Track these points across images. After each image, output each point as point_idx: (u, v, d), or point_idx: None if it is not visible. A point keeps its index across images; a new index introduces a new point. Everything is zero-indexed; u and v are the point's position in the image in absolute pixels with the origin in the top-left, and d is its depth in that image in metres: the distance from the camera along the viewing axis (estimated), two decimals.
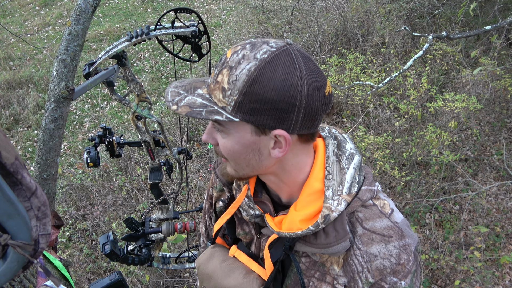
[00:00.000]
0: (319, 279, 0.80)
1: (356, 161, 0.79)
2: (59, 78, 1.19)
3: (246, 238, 0.91)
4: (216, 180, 1.01)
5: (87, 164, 1.71)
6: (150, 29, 1.52)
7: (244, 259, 0.89)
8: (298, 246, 0.79)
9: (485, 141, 3.79)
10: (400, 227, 0.78)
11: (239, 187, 0.86)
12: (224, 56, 0.71)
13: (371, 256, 0.76)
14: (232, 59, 0.67)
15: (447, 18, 4.81)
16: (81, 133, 4.98)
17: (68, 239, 3.57)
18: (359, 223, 0.77)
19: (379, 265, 0.76)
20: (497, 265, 2.93)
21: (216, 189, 1.01)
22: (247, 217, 0.84)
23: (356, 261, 0.77)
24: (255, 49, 0.67)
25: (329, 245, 0.74)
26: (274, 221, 0.81)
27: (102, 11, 8.03)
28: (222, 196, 1.00)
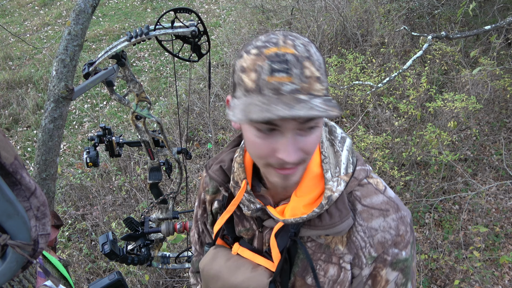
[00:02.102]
0: (326, 261, 0.82)
1: (348, 144, 0.83)
2: (59, 78, 1.19)
3: (247, 235, 0.91)
4: (208, 183, 1.00)
5: (87, 164, 1.71)
6: (150, 29, 1.52)
7: (248, 255, 0.89)
8: (303, 231, 0.81)
9: (485, 141, 3.79)
10: (395, 201, 0.82)
11: (237, 184, 0.85)
12: (283, 54, 0.65)
13: (372, 231, 0.79)
14: (299, 52, 0.66)
15: (446, 18, 4.81)
16: (81, 133, 4.98)
17: (67, 239, 3.57)
18: (357, 201, 0.80)
19: (380, 238, 0.79)
20: (496, 265, 2.93)
21: (209, 192, 1.00)
22: (248, 212, 0.84)
23: (359, 237, 0.80)
24: (297, 36, 0.70)
25: (334, 224, 0.76)
26: (277, 210, 0.82)
27: (101, 11, 8.02)
28: (217, 197, 0.98)
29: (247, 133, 0.71)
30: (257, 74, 0.65)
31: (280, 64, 0.64)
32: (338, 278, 0.82)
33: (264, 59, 0.65)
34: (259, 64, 0.65)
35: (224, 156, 0.92)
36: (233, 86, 0.72)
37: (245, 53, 0.69)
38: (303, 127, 0.67)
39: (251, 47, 0.68)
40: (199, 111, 4.66)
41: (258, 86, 0.65)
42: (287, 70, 0.64)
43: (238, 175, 0.85)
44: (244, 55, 0.69)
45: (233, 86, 0.72)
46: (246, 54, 0.68)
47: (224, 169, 0.89)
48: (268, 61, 0.64)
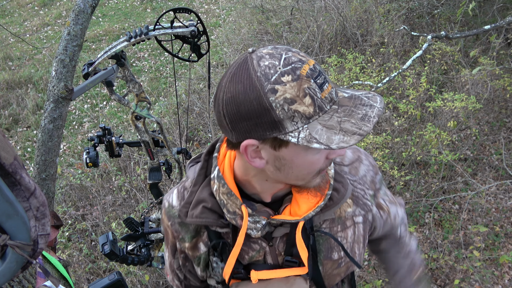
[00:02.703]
0: (343, 229, 0.89)
1: None
2: (58, 78, 1.19)
3: (260, 256, 0.87)
4: (179, 231, 0.90)
5: (86, 164, 1.71)
6: (149, 29, 1.52)
7: (270, 274, 0.86)
8: (317, 219, 0.85)
9: (484, 141, 3.79)
10: (353, 147, 0.94)
11: (235, 213, 0.81)
12: (313, 67, 0.66)
13: (363, 178, 0.92)
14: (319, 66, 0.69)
15: (446, 18, 4.81)
16: (81, 133, 4.98)
17: (67, 239, 3.57)
18: (342, 165, 0.91)
19: (369, 178, 0.93)
20: (496, 264, 2.93)
21: (186, 240, 0.90)
22: (258, 234, 0.81)
23: (358, 190, 0.91)
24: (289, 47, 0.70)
25: (343, 196, 0.83)
26: (286, 214, 0.83)
27: (101, 11, 8.02)
28: (199, 241, 0.90)
29: (304, 158, 0.71)
30: (311, 96, 0.64)
31: (320, 77, 0.66)
32: (355, 236, 0.90)
33: (307, 80, 0.64)
34: (306, 86, 0.64)
35: (199, 195, 0.85)
36: (273, 125, 0.65)
37: (277, 85, 0.63)
38: None
39: (278, 76, 0.63)
40: (199, 111, 4.66)
41: (319, 106, 0.65)
42: (325, 79, 0.67)
43: (232, 204, 0.81)
44: (278, 88, 0.63)
45: (273, 125, 0.65)
46: (280, 85, 0.63)
47: (210, 208, 0.83)
48: (312, 80, 0.64)
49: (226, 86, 0.67)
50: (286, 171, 0.73)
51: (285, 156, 0.70)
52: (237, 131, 0.68)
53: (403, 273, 1.06)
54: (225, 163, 0.85)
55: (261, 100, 0.63)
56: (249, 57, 0.66)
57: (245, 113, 0.65)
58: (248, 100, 0.64)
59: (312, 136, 0.64)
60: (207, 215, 0.83)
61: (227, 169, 0.84)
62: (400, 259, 1.07)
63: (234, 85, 0.65)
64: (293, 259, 0.86)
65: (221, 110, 0.68)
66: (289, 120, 0.64)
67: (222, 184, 0.82)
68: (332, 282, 0.92)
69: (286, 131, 0.65)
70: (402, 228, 1.07)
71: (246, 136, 0.68)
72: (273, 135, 0.66)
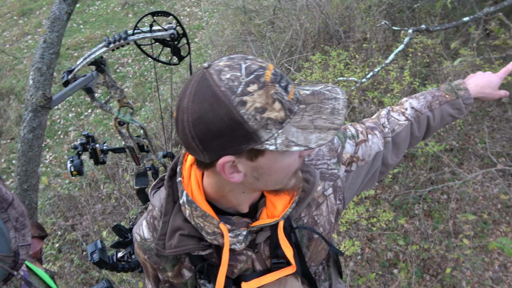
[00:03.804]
0: (317, 207, 0.91)
1: None
2: (36, 87, 1.17)
3: (248, 265, 0.87)
4: (159, 262, 0.87)
5: (71, 173, 1.68)
6: (128, 34, 1.51)
7: (262, 281, 0.85)
8: (294, 213, 0.86)
9: (469, 131, 3.85)
10: None
11: (215, 233, 0.79)
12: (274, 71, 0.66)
13: (319, 152, 0.93)
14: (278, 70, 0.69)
15: (426, 12, 4.87)
16: (66, 143, 4.91)
17: (58, 251, 3.52)
18: None
19: (325, 148, 0.93)
20: (486, 251, 2.98)
21: (167, 269, 0.88)
22: (242, 246, 0.80)
23: (320, 166, 0.91)
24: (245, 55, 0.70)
25: (313, 184, 0.85)
26: (263, 218, 0.82)
27: (82, 18, 7.94)
28: (181, 268, 0.88)
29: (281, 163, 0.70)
30: (279, 101, 0.64)
31: (282, 80, 0.66)
32: (328, 208, 0.92)
33: (272, 86, 0.64)
34: (272, 92, 0.63)
35: (172, 224, 0.81)
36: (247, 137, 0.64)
37: (245, 97, 0.62)
38: None
39: (244, 87, 0.63)
40: None
41: (288, 109, 0.65)
42: (287, 80, 0.67)
43: (209, 225, 0.79)
44: (246, 99, 0.62)
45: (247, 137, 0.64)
46: (247, 96, 0.62)
47: (187, 234, 0.80)
48: (277, 84, 0.64)
49: (189, 107, 0.64)
50: (265, 179, 0.72)
51: (263, 165, 0.69)
52: (210, 150, 0.66)
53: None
54: (192, 185, 0.82)
55: (231, 115, 0.62)
56: (207, 73, 0.64)
57: (216, 131, 0.63)
58: (217, 117, 0.62)
59: (289, 140, 0.64)
60: (186, 242, 0.80)
61: (196, 190, 0.81)
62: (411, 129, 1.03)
63: (198, 105, 0.63)
64: (280, 260, 0.86)
65: (188, 133, 0.65)
66: (263, 129, 0.63)
67: (194, 207, 0.79)
68: (320, 259, 0.96)
69: (262, 141, 0.64)
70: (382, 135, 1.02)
71: (220, 153, 0.66)
72: (249, 147, 0.65)
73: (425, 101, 1.04)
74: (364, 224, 3.14)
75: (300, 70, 4.36)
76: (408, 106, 1.05)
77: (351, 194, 0.97)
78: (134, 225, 1.95)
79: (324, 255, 0.97)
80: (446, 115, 1.04)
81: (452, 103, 1.04)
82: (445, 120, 1.06)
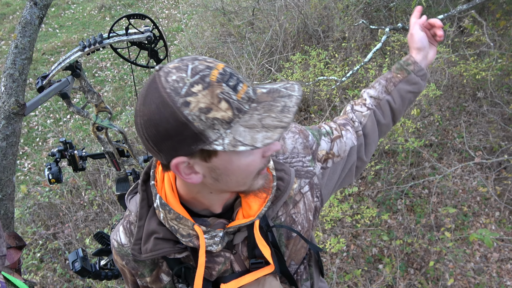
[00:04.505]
0: (294, 205, 0.90)
1: None
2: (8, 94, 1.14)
3: (227, 266, 0.86)
4: (137, 267, 0.87)
5: (49, 180, 1.65)
6: (103, 38, 1.48)
7: (241, 281, 0.85)
8: (271, 212, 0.85)
9: (447, 126, 3.94)
10: None
11: (190, 235, 0.79)
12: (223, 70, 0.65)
13: (294, 150, 0.91)
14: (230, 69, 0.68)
15: (402, 10, 4.96)
16: (45, 150, 4.80)
17: (39, 260, 3.43)
18: None
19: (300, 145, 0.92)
20: (467, 243, 3.05)
21: (146, 274, 0.88)
22: (218, 247, 0.80)
23: (295, 163, 0.91)
24: (203, 56, 0.69)
25: (288, 182, 0.84)
26: (239, 218, 0.82)
27: (57, 22, 7.78)
28: (160, 272, 0.88)
29: (237, 163, 0.69)
30: (226, 101, 0.63)
31: (231, 79, 0.65)
32: (306, 206, 0.91)
33: (218, 85, 0.63)
34: (218, 92, 0.63)
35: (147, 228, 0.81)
36: (194, 138, 0.64)
37: (189, 97, 0.62)
38: None
39: (188, 88, 0.62)
40: None
41: (237, 108, 0.64)
42: (238, 79, 0.65)
43: (184, 228, 0.79)
44: (190, 100, 0.62)
45: (194, 138, 0.64)
46: (191, 96, 0.62)
47: (162, 237, 0.80)
48: (224, 83, 0.63)
49: (140, 110, 0.65)
50: (225, 180, 0.71)
51: (218, 166, 0.68)
52: (164, 151, 0.66)
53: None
54: (165, 188, 0.81)
55: (176, 116, 0.62)
56: (156, 75, 0.65)
57: (164, 133, 0.63)
58: (163, 118, 0.62)
59: (236, 140, 0.63)
60: (162, 245, 0.80)
61: (169, 193, 0.81)
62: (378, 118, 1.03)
63: (147, 107, 0.64)
64: (258, 260, 0.85)
65: (142, 135, 0.67)
66: (210, 129, 0.63)
67: (168, 210, 0.79)
68: (299, 257, 0.96)
69: (210, 141, 0.64)
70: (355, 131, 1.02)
71: (173, 154, 0.66)
72: (199, 147, 0.64)
73: (381, 87, 1.03)
74: (348, 221, 3.17)
75: (281, 70, 4.38)
76: (367, 96, 1.04)
77: (328, 191, 0.97)
78: None
79: (304, 253, 0.97)
80: (405, 93, 1.02)
81: (406, 80, 1.02)
82: (407, 98, 1.04)
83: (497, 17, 4.28)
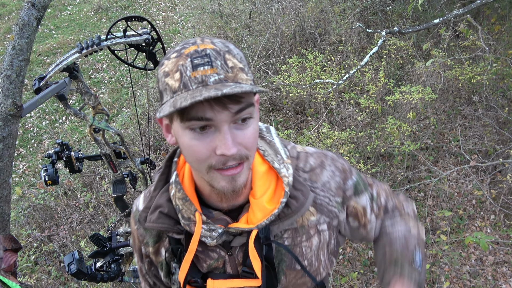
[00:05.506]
0: (307, 239, 0.86)
1: (273, 131, 0.90)
2: (5, 95, 1.13)
3: (219, 264, 0.86)
4: (144, 235, 0.90)
5: (45, 182, 1.64)
6: (101, 39, 1.48)
7: (226, 284, 0.84)
8: (275, 228, 0.82)
9: (442, 129, 3.96)
10: (319, 152, 0.91)
11: (190, 220, 0.79)
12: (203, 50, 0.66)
13: (327, 184, 0.87)
14: (219, 47, 0.68)
15: (398, 14, 5.00)
16: (41, 151, 4.77)
17: (34, 263, 3.40)
18: (302, 171, 0.87)
19: (335, 184, 0.88)
20: (463, 246, 3.06)
21: (150, 244, 0.90)
22: (213, 242, 0.80)
23: (321, 197, 0.86)
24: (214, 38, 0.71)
25: (302, 204, 0.81)
26: (242, 223, 0.80)
27: (53, 23, 7.75)
28: (161, 246, 0.89)
29: (183, 139, 0.69)
30: (180, 73, 0.65)
31: (201, 59, 0.65)
32: (320, 244, 0.87)
33: (185, 58, 0.66)
34: (181, 63, 0.66)
35: (157, 200, 0.83)
36: (160, 95, 0.70)
37: (165, 60, 0.68)
38: (237, 118, 0.67)
39: (171, 53, 0.69)
40: None
41: (184, 83, 0.65)
42: (209, 62, 0.65)
43: (187, 210, 0.80)
44: (165, 62, 0.68)
45: (160, 95, 0.70)
46: (167, 60, 0.68)
47: (166, 213, 0.82)
48: (190, 59, 0.65)
49: None
50: (185, 154, 0.72)
51: (175, 133, 0.72)
52: None
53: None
54: (185, 169, 0.83)
55: (157, 73, 0.71)
56: None
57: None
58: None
59: (162, 108, 0.66)
60: (163, 220, 0.81)
61: (187, 175, 0.82)
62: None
63: None
64: (250, 270, 0.83)
65: None
66: (164, 92, 0.68)
67: (179, 189, 0.81)
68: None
69: (162, 103, 0.69)
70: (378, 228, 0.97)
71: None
72: (160, 105, 0.70)
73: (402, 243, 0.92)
74: None
75: (278, 73, 4.39)
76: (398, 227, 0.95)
77: (342, 240, 0.94)
78: (112, 233, 1.91)
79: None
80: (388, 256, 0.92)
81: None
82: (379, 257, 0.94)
83: (492, 22, 4.32)
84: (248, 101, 0.67)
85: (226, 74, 0.65)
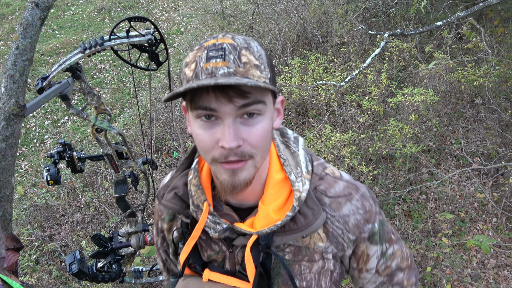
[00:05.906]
0: (310, 261, 0.84)
1: (301, 142, 0.88)
2: (8, 95, 1.14)
3: (218, 257, 0.86)
4: (163, 211, 0.94)
5: (47, 182, 1.64)
6: (104, 40, 1.48)
7: (221, 278, 0.85)
8: (278, 239, 0.81)
9: (445, 131, 3.95)
10: (352, 182, 0.87)
11: (198, 207, 0.81)
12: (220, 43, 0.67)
13: (346, 217, 0.83)
14: (238, 42, 0.68)
15: (401, 16, 4.99)
16: (43, 151, 4.78)
17: (35, 263, 3.41)
18: (324, 195, 0.83)
19: (354, 221, 0.83)
20: (464, 249, 3.05)
21: (165, 220, 0.94)
22: (215, 235, 0.80)
23: (335, 227, 0.83)
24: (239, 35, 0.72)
25: (309, 224, 0.78)
26: (246, 225, 0.80)
27: (57, 23, 7.78)
28: (174, 225, 0.93)
29: (193, 127, 0.72)
30: (196, 63, 0.68)
31: (216, 52, 0.67)
32: (322, 269, 0.85)
33: (203, 50, 0.68)
34: (198, 55, 0.68)
35: (176, 181, 0.86)
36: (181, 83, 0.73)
37: (190, 52, 0.72)
38: (242, 113, 0.67)
39: (197, 45, 0.71)
40: (166, 120, 4.60)
41: (196, 73, 0.67)
42: (222, 56, 0.66)
43: (198, 197, 0.81)
44: (189, 53, 0.72)
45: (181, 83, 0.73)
46: (191, 51, 0.71)
47: (180, 196, 0.84)
48: (206, 51, 0.67)
49: None
50: (196, 144, 0.74)
51: (190, 122, 0.73)
52: None
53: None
54: None
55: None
56: None
57: None
58: None
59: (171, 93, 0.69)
60: (176, 202, 0.84)
61: (207, 165, 0.84)
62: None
63: None
64: (245, 272, 0.83)
65: None
66: (182, 80, 0.71)
67: (195, 176, 0.83)
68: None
69: None
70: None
71: None
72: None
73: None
74: None
75: (280, 75, 4.39)
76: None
77: (345, 271, 0.93)
78: (114, 234, 1.91)
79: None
80: None
81: None
82: None
83: (495, 24, 4.31)
84: (257, 98, 0.67)
85: (236, 69, 0.66)
